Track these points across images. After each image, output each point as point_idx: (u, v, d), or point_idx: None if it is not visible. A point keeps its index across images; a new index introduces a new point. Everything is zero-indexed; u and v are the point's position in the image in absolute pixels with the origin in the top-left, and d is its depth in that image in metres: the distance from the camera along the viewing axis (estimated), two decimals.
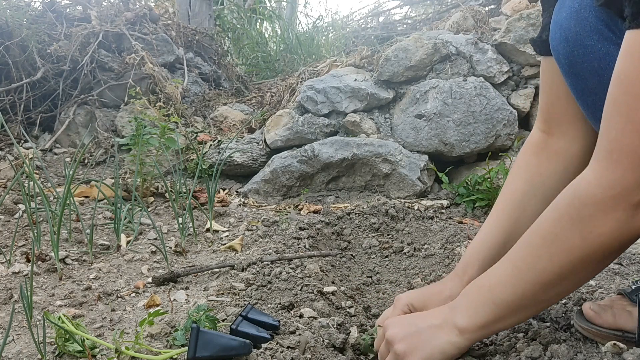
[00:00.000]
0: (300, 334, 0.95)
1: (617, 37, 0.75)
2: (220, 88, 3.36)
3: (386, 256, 1.58)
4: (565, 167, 0.99)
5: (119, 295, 1.24)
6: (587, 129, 0.96)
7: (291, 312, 1.09)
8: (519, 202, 1.00)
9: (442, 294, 1.00)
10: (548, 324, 1.00)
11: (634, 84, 0.65)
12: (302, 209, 2.14)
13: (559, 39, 0.82)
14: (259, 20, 5.11)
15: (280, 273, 1.26)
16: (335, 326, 1.03)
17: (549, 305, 0.81)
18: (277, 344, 0.91)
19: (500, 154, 2.38)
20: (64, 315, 0.93)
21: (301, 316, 1.06)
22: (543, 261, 0.75)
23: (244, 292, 1.19)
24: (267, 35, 4.89)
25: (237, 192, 2.42)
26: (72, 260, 1.47)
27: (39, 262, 1.42)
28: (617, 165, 0.67)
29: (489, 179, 2.08)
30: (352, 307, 1.20)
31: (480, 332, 0.82)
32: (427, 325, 0.86)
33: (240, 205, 2.18)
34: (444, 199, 2.21)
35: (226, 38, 4.62)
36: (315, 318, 1.04)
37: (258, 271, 1.29)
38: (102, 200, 2.08)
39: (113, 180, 2.10)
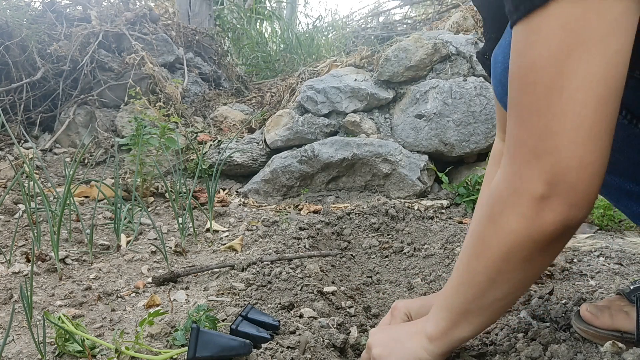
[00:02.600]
0: (300, 334, 0.95)
1: None
2: (220, 88, 3.36)
3: (386, 256, 1.58)
4: None
5: (119, 295, 1.24)
6: None
7: (291, 312, 1.09)
8: None
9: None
10: (548, 324, 1.00)
11: (515, 78, 0.64)
12: (302, 209, 2.14)
13: (502, 92, 0.82)
14: (259, 20, 5.11)
15: (280, 273, 1.26)
16: (335, 326, 1.04)
17: (498, 312, 0.77)
18: (277, 344, 0.91)
19: None
20: (64, 315, 0.93)
21: (301, 316, 1.06)
22: (473, 262, 0.74)
23: (244, 292, 1.19)
24: (267, 35, 4.89)
25: (237, 192, 2.42)
26: (72, 260, 1.47)
27: (39, 262, 1.42)
28: (514, 159, 0.66)
29: None
30: (352, 307, 1.20)
31: (444, 339, 0.81)
32: (405, 332, 0.88)
33: (240, 205, 2.19)
34: (444, 199, 2.21)
35: (226, 38, 4.62)
36: (315, 318, 1.04)
37: (258, 271, 1.29)
38: (102, 200, 2.08)
39: (113, 180, 2.11)
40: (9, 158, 2.49)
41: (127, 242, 1.62)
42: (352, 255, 1.60)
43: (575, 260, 1.42)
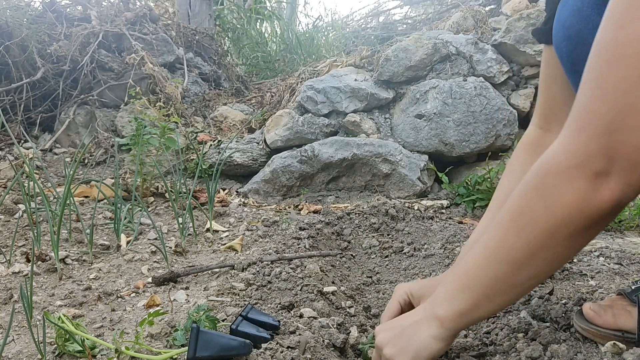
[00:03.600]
0: (300, 334, 0.95)
1: None
2: (220, 88, 3.36)
3: (386, 256, 1.58)
4: None
5: (119, 295, 1.24)
6: None
7: (291, 312, 1.09)
8: None
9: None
10: (548, 324, 1.00)
11: (607, 50, 0.63)
12: (302, 209, 2.14)
13: (562, 37, 0.82)
14: (259, 20, 5.11)
15: (280, 273, 1.26)
16: (335, 326, 1.03)
17: (524, 292, 0.77)
18: (277, 344, 0.91)
19: (500, 154, 2.38)
20: (64, 315, 0.93)
21: (301, 316, 1.06)
22: (510, 237, 0.72)
23: (244, 292, 1.19)
24: (267, 35, 4.89)
25: (237, 192, 2.42)
26: (72, 260, 1.47)
27: (39, 262, 1.42)
28: (581, 132, 0.65)
29: (489, 179, 2.08)
30: (352, 307, 1.20)
31: (459, 320, 0.79)
32: (410, 323, 0.85)
33: (240, 205, 2.18)
34: (444, 199, 2.21)
35: (226, 38, 4.62)
36: (315, 318, 1.04)
37: (258, 271, 1.29)
38: (102, 200, 2.08)
39: (113, 180, 2.11)
40: (9, 158, 2.49)
41: (127, 242, 1.62)
42: (352, 255, 1.60)
43: (575, 260, 1.42)
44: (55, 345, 0.94)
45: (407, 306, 1.03)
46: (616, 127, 0.61)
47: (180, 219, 1.60)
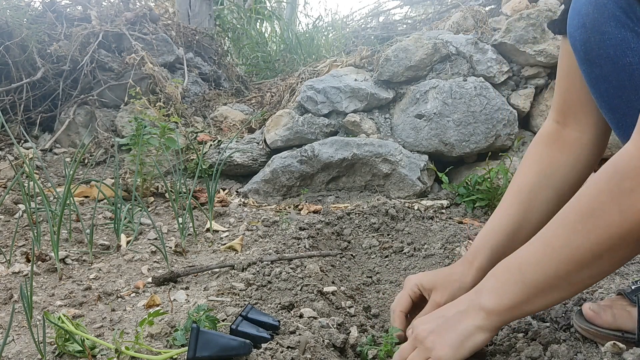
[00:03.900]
0: (300, 334, 0.95)
1: (634, 24, 0.75)
2: (220, 88, 3.36)
3: (386, 256, 1.58)
4: (576, 158, 0.99)
5: (119, 295, 1.24)
6: (599, 119, 0.96)
7: (291, 312, 1.09)
8: (530, 192, 1.00)
9: (451, 277, 1.00)
10: (548, 324, 1.00)
11: None
12: (302, 209, 2.14)
13: (577, 25, 0.81)
14: (259, 20, 5.11)
15: (280, 273, 1.26)
16: (335, 326, 1.04)
17: (579, 290, 0.77)
18: (277, 344, 0.91)
19: (500, 154, 2.38)
20: (64, 315, 0.93)
21: (301, 316, 1.06)
22: (579, 238, 0.72)
23: (244, 292, 1.19)
24: (267, 35, 4.89)
25: (237, 192, 2.42)
26: (72, 260, 1.47)
27: (39, 262, 1.42)
28: None
29: (489, 179, 2.08)
30: (352, 307, 1.20)
31: (507, 313, 0.79)
32: (454, 313, 0.85)
33: (240, 205, 2.18)
34: (444, 199, 2.21)
35: (226, 38, 4.62)
36: (315, 318, 1.04)
37: (258, 271, 1.29)
38: (102, 200, 2.08)
39: (113, 180, 2.11)
40: (9, 158, 2.49)
41: (127, 242, 1.62)
42: (352, 255, 1.60)
43: None
44: (55, 345, 0.94)
45: (418, 299, 1.03)
46: None
47: (180, 219, 1.60)
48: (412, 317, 1.03)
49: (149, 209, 2.06)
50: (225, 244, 1.64)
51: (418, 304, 1.03)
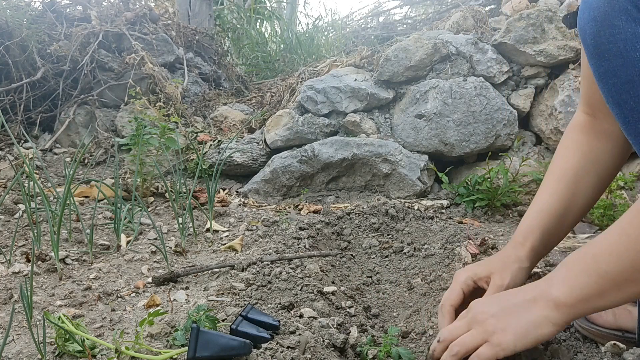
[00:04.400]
0: (300, 334, 0.95)
1: None
2: (220, 88, 3.36)
3: (386, 256, 1.58)
4: (613, 145, 0.99)
5: (119, 295, 1.24)
6: None
7: (291, 312, 1.09)
8: (575, 175, 0.99)
9: (508, 259, 0.96)
10: None
11: None
12: (302, 209, 2.14)
13: (587, 18, 0.81)
14: (259, 20, 5.11)
15: (280, 273, 1.26)
16: (335, 326, 1.03)
17: None
18: (277, 344, 0.91)
19: (500, 154, 2.38)
20: (64, 315, 0.93)
21: (301, 316, 1.06)
22: None
23: (244, 292, 1.19)
24: (267, 35, 4.89)
25: (237, 192, 2.42)
26: (72, 260, 1.47)
27: (39, 262, 1.42)
28: None
29: (489, 179, 2.08)
30: (352, 307, 1.20)
31: (579, 306, 0.75)
32: (520, 300, 0.80)
33: (240, 205, 2.18)
34: (444, 199, 2.21)
35: (226, 38, 4.62)
36: (315, 318, 1.04)
37: (258, 271, 1.29)
38: (102, 200, 2.08)
39: (113, 180, 2.11)
40: (9, 158, 2.49)
41: (127, 242, 1.62)
42: (352, 255, 1.60)
43: None
44: (55, 345, 0.94)
45: (470, 292, 0.98)
46: None
47: (180, 219, 1.60)
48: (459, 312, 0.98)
49: (149, 209, 2.06)
50: (225, 244, 1.64)
51: (468, 299, 0.98)
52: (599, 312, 0.80)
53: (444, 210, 2.11)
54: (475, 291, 0.98)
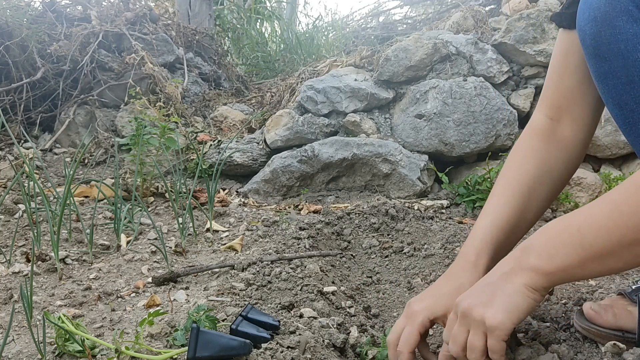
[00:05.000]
0: (300, 334, 0.95)
1: None
2: (220, 88, 3.36)
3: (386, 256, 1.58)
4: (570, 154, 0.98)
5: (119, 295, 1.24)
6: (593, 116, 0.96)
7: (291, 312, 1.09)
8: (529, 186, 0.96)
9: (463, 289, 0.86)
10: (548, 324, 1.00)
11: None
12: (302, 209, 2.14)
13: (587, 18, 0.80)
14: (259, 20, 5.11)
15: (280, 273, 1.26)
16: (335, 326, 1.03)
17: (638, 264, 0.73)
18: (277, 344, 0.91)
19: (500, 154, 2.38)
20: (64, 315, 0.93)
21: (301, 316, 1.06)
22: None
23: (244, 292, 1.19)
24: (267, 35, 4.89)
25: (237, 192, 2.42)
26: (72, 260, 1.47)
27: (39, 262, 1.42)
28: None
29: (488, 179, 2.08)
30: (352, 307, 1.20)
31: (558, 274, 0.75)
32: (498, 276, 0.79)
33: (240, 205, 2.18)
34: (444, 199, 2.21)
35: (226, 38, 4.61)
36: (315, 318, 1.04)
37: (258, 271, 1.29)
38: (102, 200, 2.08)
39: (113, 180, 2.10)
40: (9, 158, 2.49)
41: (127, 242, 1.62)
42: (352, 255, 1.60)
43: None
44: (55, 345, 0.94)
45: (427, 332, 0.90)
46: None
47: (180, 219, 1.60)
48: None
49: (149, 209, 2.06)
50: (225, 244, 1.64)
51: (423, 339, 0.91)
52: (579, 280, 0.78)
53: (444, 210, 2.11)
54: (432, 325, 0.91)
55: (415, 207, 2.08)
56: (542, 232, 0.79)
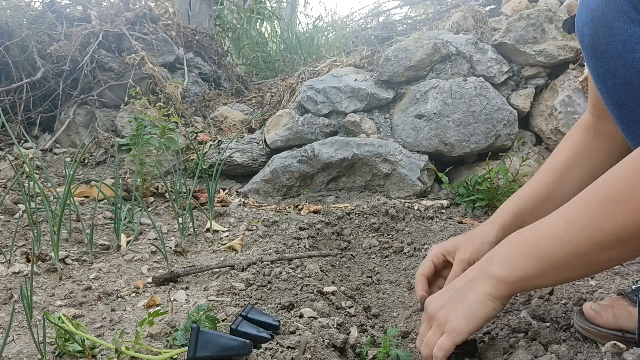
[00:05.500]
0: (300, 334, 0.95)
1: None
2: (220, 88, 3.36)
3: (386, 256, 1.58)
4: (612, 145, 1.01)
5: (119, 295, 1.24)
6: None
7: (291, 312, 1.09)
8: (564, 166, 1.04)
9: (474, 234, 1.04)
10: (548, 324, 1.00)
11: None
12: (302, 209, 2.14)
13: (585, 19, 0.81)
14: (259, 20, 5.11)
15: (280, 273, 1.26)
16: (335, 326, 1.03)
17: (594, 272, 0.76)
18: (277, 344, 0.91)
19: (500, 154, 2.38)
20: (64, 315, 0.93)
21: (301, 316, 1.06)
22: (603, 219, 0.70)
23: (244, 292, 1.19)
24: (267, 35, 4.89)
25: (237, 192, 2.42)
26: (72, 260, 1.47)
27: (39, 262, 1.42)
28: None
29: (489, 179, 2.08)
30: (352, 307, 1.20)
31: (518, 283, 0.79)
32: (464, 282, 0.84)
33: (240, 205, 2.18)
34: (444, 199, 2.21)
35: (226, 38, 4.61)
36: (315, 318, 1.04)
37: (258, 271, 1.29)
38: (102, 200, 2.08)
39: (113, 180, 2.11)
40: (9, 158, 2.49)
41: (127, 242, 1.62)
42: (352, 255, 1.60)
43: None
44: (55, 345, 0.94)
45: (441, 265, 1.06)
46: None
47: (180, 219, 1.60)
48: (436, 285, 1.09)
49: (149, 209, 2.06)
50: (225, 244, 1.64)
51: (441, 272, 1.07)
52: (538, 288, 0.86)
53: (444, 210, 2.11)
54: (446, 264, 1.06)
55: (415, 207, 2.08)
56: (505, 242, 0.84)
